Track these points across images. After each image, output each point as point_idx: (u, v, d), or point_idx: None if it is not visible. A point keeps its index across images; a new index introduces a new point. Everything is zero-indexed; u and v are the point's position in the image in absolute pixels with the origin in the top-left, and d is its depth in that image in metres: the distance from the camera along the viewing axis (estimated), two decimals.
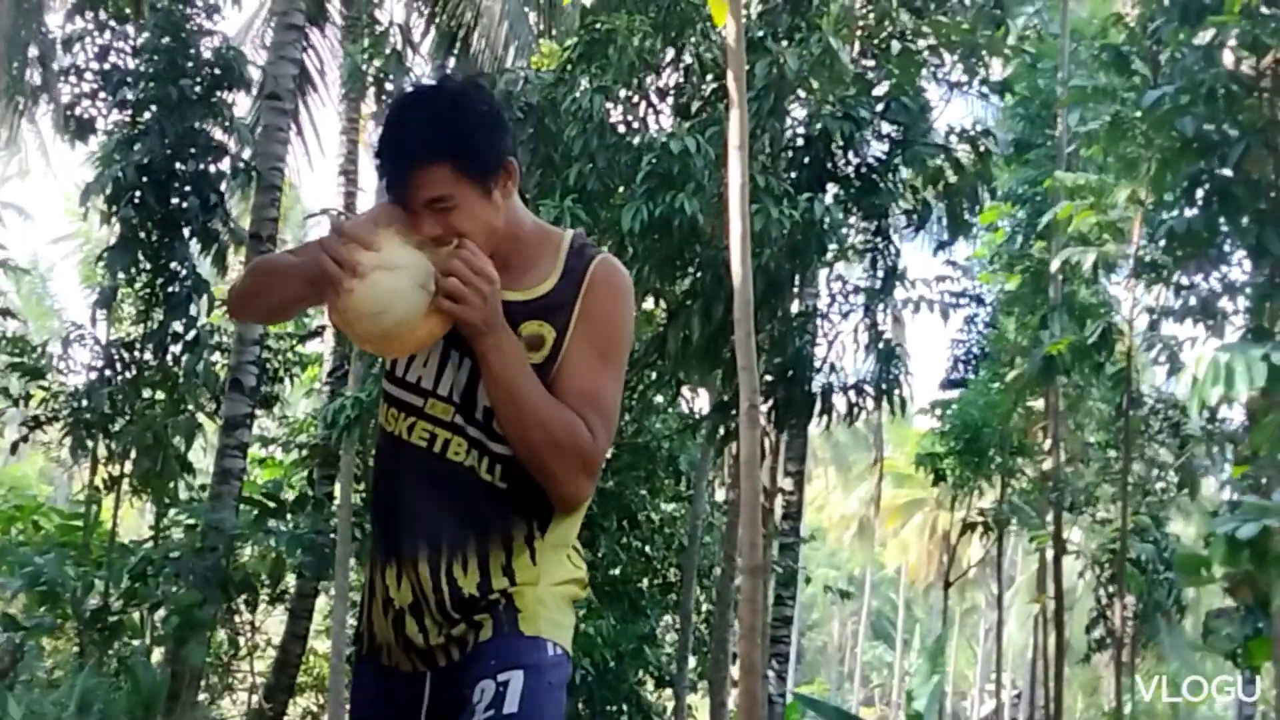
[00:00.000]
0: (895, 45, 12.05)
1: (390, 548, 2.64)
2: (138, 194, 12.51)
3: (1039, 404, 17.04)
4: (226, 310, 3.17)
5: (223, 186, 13.25)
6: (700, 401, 15.99)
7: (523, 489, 2.58)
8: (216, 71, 12.96)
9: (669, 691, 16.52)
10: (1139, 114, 12.56)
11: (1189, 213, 12.32)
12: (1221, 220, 12.18)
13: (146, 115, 12.80)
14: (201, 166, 12.89)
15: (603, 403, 2.57)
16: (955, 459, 17.66)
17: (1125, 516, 15.46)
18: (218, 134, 13.20)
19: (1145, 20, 13.09)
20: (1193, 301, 13.06)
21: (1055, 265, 14.10)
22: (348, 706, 2.85)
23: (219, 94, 13.07)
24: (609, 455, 14.68)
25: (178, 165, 12.69)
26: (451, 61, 16.25)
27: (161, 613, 12.62)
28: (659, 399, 15.19)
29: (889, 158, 12.11)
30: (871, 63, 12.35)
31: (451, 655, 2.59)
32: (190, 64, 12.78)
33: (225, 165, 13.20)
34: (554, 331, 2.57)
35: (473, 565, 2.57)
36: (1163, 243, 12.92)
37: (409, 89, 2.60)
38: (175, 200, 12.65)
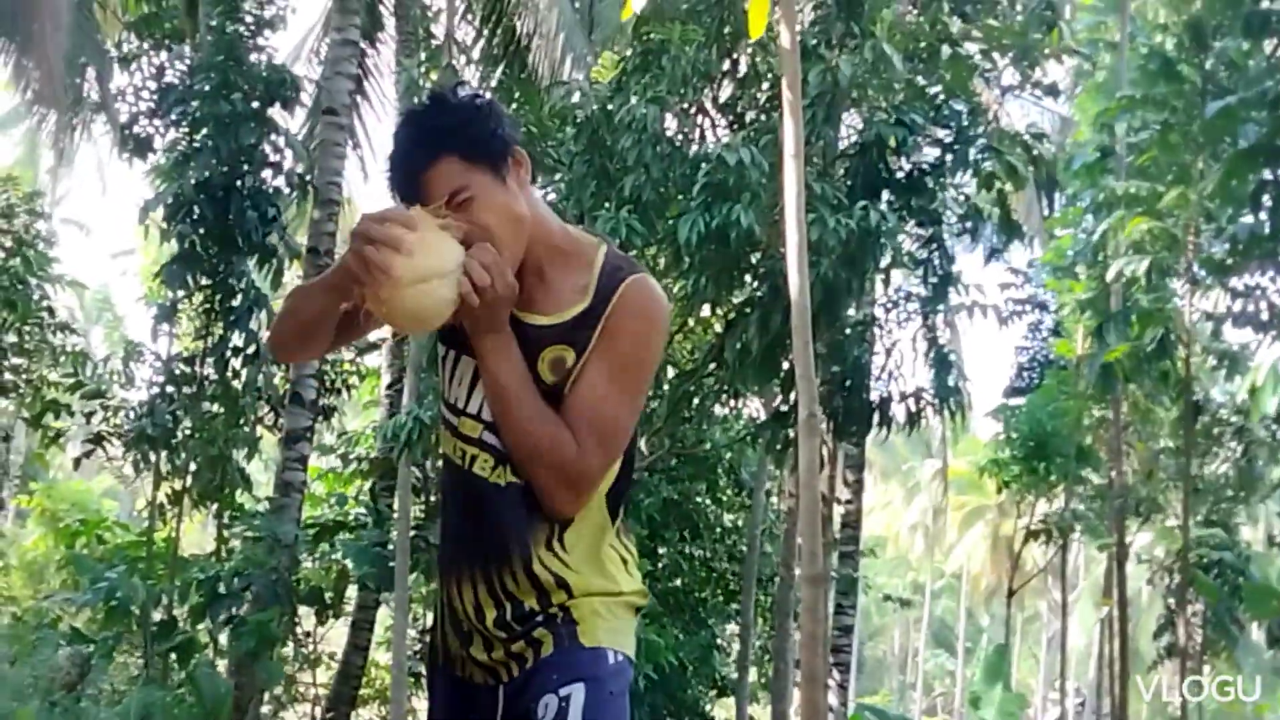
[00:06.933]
0: (945, 50, 11.98)
1: (449, 564, 2.71)
2: (195, 210, 12.61)
3: (1107, 412, 16.90)
4: (270, 349, 3.29)
5: (279, 202, 13.34)
6: (758, 410, 15.95)
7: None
8: (268, 87, 13.06)
9: (730, 700, 16.50)
10: (1196, 122, 12.50)
11: (1250, 219, 12.28)
12: None
13: (202, 132, 12.90)
14: (258, 182, 12.98)
15: (601, 420, 2.55)
16: (1020, 466, 17.55)
17: (1188, 523, 15.31)
18: (272, 150, 13.30)
19: (1192, 28, 13.02)
20: (1252, 308, 12.97)
21: (1111, 274, 14.00)
22: (409, 718, 2.90)
23: (271, 110, 13.17)
24: (670, 464, 14.74)
25: (234, 181, 12.79)
26: (500, 72, 16.26)
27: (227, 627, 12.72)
28: (719, 409, 15.17)
29: (941, 161, 12.03)
30: (923, 67, 12.26)
31: (512, 671, 2.63)
32: (242, 80, 12.88)
33: (281, 180, 13.30)
34: (574, 354, 2.56)
35: (522, 576, 2.60)
36: (1225, 247, 12.84)
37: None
38: (233, 215, 12.73)
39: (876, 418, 11.90)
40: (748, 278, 11.93)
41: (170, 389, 13.11)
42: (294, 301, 2.79)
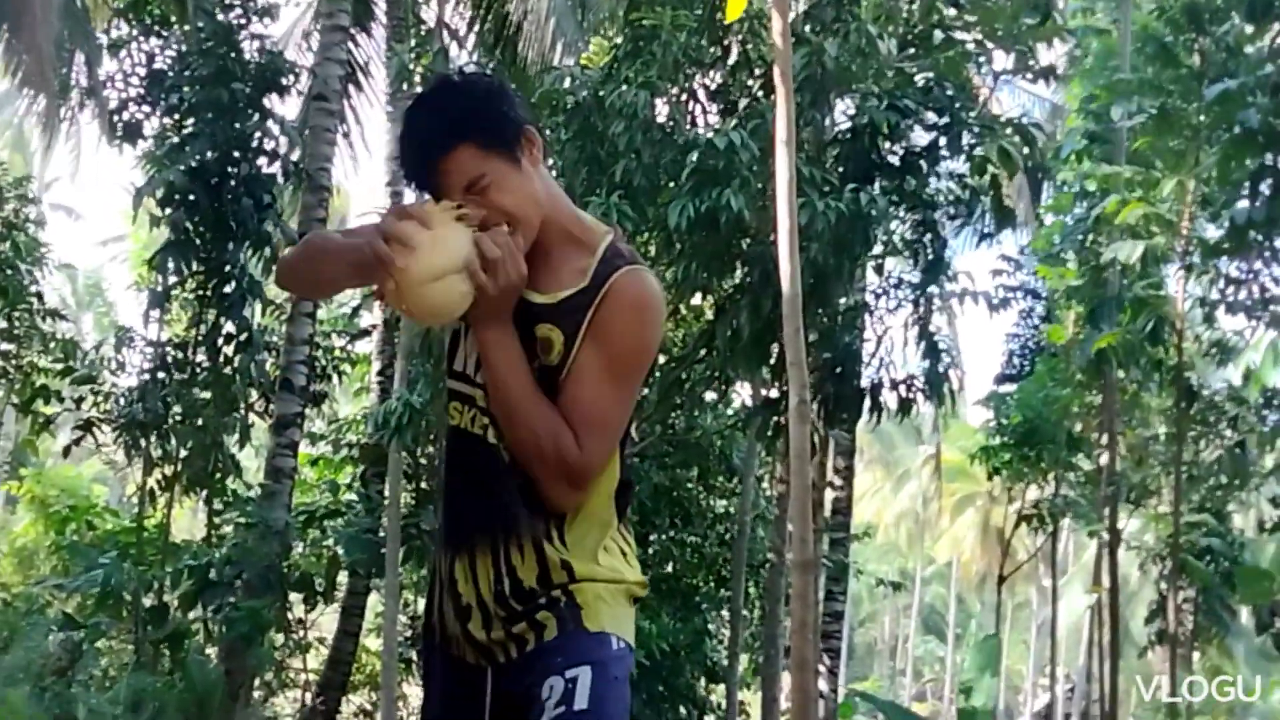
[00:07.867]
0: (937, 35, 11.95)
1: (454, 539, 2.70)
2: (190, 196, 12.57)
3: (1098, 398, 16.89)
4: (275, 279, 3.41)
5: (274, 189, 13.30)
6: (748, 396, 15.93)
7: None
8: (263, 74, 13.02)
9: (722, 687, 16.51)
10: (1193, 106, 12.49)
11: (1246, 203, 12.29)
12: None
13: (194, 119, 12.86)
14: (253, 169, 12.95)
15: (598, 416, 2.56)
16: (1011, 452, 17.54)
17: (1179, 509, 15.32)
18: (268, 137, 13.26)
19: (1188, 12, 13.00)
20: (1244, 294, 12.99)
21: (1105, 259, 14.00)
22: (399, 704, 2.90)
23: (267, 97, 13.14)
24: (661, 450, 14.73)
25: (229, 167, 12.75)
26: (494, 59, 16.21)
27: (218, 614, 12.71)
28: (710, 395, 15.15)
29: (934, 144, 11.99)
30: (914, 53, 12.21)
31: (510, 653, 2.64)
32: (238, 67, 12.84)
33: (276, 168, 13.26)
34: (563, 336, 2.56)
35: (529, 550, 2.60)
36: (1222, 232, 12.86)
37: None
38: (226, 202, 12.70)
39: (867, 404, 11.88)
40: (738, 263, 11.91)
41: (161, 375, 13.09)
42: (314, 254, 2.78)
